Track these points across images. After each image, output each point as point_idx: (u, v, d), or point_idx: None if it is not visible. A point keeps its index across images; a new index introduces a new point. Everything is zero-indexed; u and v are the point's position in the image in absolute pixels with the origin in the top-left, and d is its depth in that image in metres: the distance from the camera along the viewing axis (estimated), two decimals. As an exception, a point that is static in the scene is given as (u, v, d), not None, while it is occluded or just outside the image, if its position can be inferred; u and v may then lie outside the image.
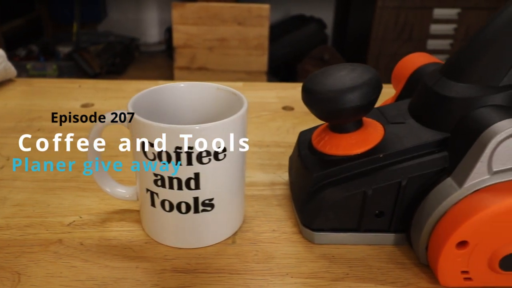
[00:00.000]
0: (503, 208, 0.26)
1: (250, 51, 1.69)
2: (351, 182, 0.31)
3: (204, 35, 1.67)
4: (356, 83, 0.30)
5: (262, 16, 1.64)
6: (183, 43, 1.69)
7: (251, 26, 1.66)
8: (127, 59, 2.06)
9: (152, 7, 2.35)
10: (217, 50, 1.69)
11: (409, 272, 0.30)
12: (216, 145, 0.28)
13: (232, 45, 1.68)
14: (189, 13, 1.64)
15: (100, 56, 1.89)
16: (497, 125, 0.27)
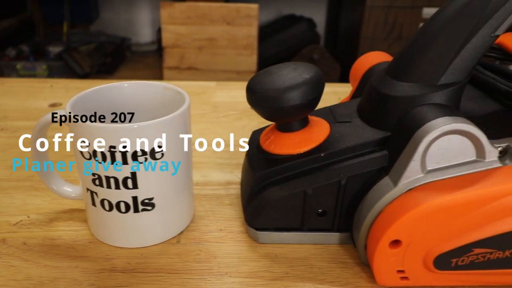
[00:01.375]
0: (434, 207, 0.26)
1: (239, 51, 1.68)
2: (292, 181, 0.31)
3: (193, 35, 1.67)
4: (295, 82, 0.30)
5: (251, 16, 1.64)
6: (172, 43, 1.69)
7: (240, 26, 1.65)
8: (118, 59, 2.06)
9: (144, 7, 2.35)
10: (206, 50, 1.69)
11: (349, 272, 0.30)
12: (151, 144, 0.28)
13: (221, 45, 1.68)
14: (177, 13, 1.64)
15: (91, 56, 1.89)
16: (430, 124, 0.27)
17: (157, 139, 0.28)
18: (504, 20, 0.28)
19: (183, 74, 1.72)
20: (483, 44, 0.28)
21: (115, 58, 2.02)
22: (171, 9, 1.64)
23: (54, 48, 1.92)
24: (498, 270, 0.28)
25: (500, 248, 0.27)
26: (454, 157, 0.27)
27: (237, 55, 1.69)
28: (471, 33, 0.28)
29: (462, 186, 0.26)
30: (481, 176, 0.27)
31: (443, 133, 0.27)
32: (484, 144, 0.27)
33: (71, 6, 2.10)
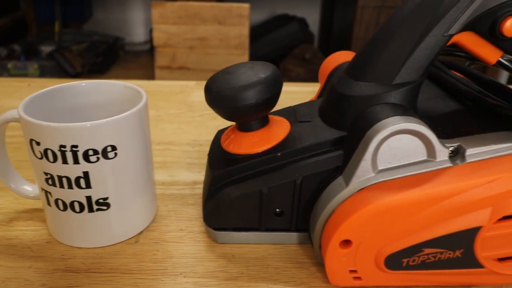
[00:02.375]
0: (382, 206, 0.26)
1: (231, 50, 1.68)
2: (249, 181, 0.31)
3: (184, 34, 1.67)
4: (250, 81, 0.30)
5: (242, 16, 1.64)
6: (163, 43, 1.69)
7: (231, 26, 1.65)
8: (111, 59, 2.05)
9: (137, 7, 2.34)
10: (197, 50, 1.69)
11: (304, 272, 0.30)
12: (103, 143, 0.28)
13: (212, 45, 1.68)
14: (169, 12, 1.64)
15: (83, 56, 1.89)
16: (381, 123, 0.27)
17: (110, 138, 0.28)
18: (456, 19, 0.28)
19: (175, 73, 1.71)
20: (436, 44, 0.28)
21: (108, 57, 2.01)
22: (162, 9, 1.64)
23: (46, 47, 1.91)
24: (449, 270, 0.28)
25: (450, 248, 0.27)
26: (405, 156, 0.27)
27: (228, 54, 1.68)
28: (424, 32, 0.28)
29: (411, 186, 0.26)
30: (431, 176, 0.26)
31: (393, 133, 0.26)
32: (434, 144, 0.27)
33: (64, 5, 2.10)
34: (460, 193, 0.25)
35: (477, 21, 0.29)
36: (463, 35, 0.30)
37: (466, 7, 0.28)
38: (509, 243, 0.26)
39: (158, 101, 0.60)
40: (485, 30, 0.29)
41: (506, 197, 0.25)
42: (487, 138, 0.27)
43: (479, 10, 0.28)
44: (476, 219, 0.26)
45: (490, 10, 0.28)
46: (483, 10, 0.28)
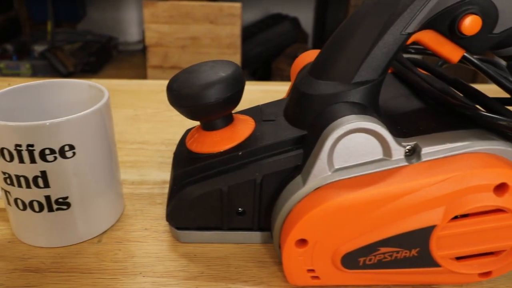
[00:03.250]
0: (336, 205, 0.26)
1: (223, 50, 1.68)
2: (209, 180, 0.31)
3: (176, 33, 1.67)
4: (210, 80, 0.30)
5: (234, 15, 1.63)
6: (155, 42, 1.68)
7: (223, 25, 1.65)
8: (104, 58, 2.05)
9: (131, 6, 2.34)
10: (189, 49, 1.69)
11: (265, 271, 0.30)
12: (60, 143, 0.28)
13: (204, 44, 1.67)
14: (160, 12, 1.64)
15: (75, 55, 1.89)
16: (336, 122, 0.27)
17: (67, 138, 0.28)
18: (413, 18, 0.28)
19: (167, 73, 1.71)
20: (395, 42, 0.28)
21: (101, 57, 2.01)
22: (154, 8, 1.64)
23: (39, 47, 1.91)
24: (407, 269, 0.27)
25: (406, 247, 0.27)
26: (361, 155, 0.27)
27: (220, 54, 1.68)
28: (382, 31, 0.28)
29: (365, 185, 0.26)
30: (386, 175, 0.26)
31: (348, 132, 0.26)
32: (389, 143, 0.26)
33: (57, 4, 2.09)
34: (413, 192, 0.25)
35: (436, 20, 0.29)
36: (424, 34, 0.30)
37: (423, 5, 0.27)
38: (464, 242, 0.26)
39: (137, 100, 0.60)
40: (445, 28, 0.29)
41: (458, 196, 0.25)
42: (443, 137, 0.27)
43: (437, 8, 0.28)
44: (429, 218, 0.25)
45: (448, 8, 0.28)
46: (441, 8, 0.28)
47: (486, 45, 0.30)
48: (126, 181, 0.40)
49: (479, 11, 0.28)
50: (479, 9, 0.28)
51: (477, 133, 0.27)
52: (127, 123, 0.52)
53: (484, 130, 0.28)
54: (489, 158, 0.26)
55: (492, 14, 0.28)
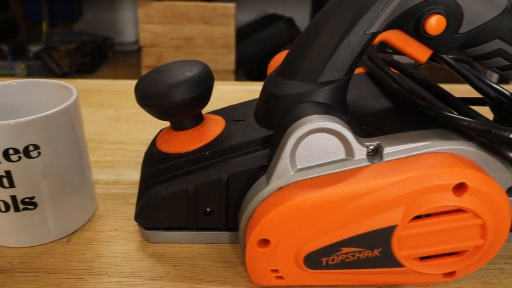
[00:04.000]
0: (296, 205, 0.26)
1: (217, 50, 1.68)
2: (176, 180, 0.31)
3: (171, 34, 1.67)
4: (175, 80, 0.30)
5: (228, 15, 1.63)
6: (150, 42, 1.69)
7: (217, 25, 1.65)
8: (100, 59, 2.05)
9: (127, 7, 2.34)
10: (183, 49, 1.69)
11: (231, 271, 0.30)
12: (24, 142, 0.28)
13: (198, 44, 1.67)
14: (154, 12, 1.64)
15: (70, 55, 1.89)
16: (299, 122, 0.27)
17: (31, 137, 0.28)
18: (376, 17, 0.28)
19: (161, 73, 1.71)
20: (359, 42, 0.28)
21: (96, 57, 2.01)
22: (148, 8, 1.64)
23: (34, 47, 1.91)
24: (371, 269, 0.27)
25: (368, 247, 0.26)
26: (324, 155, 0.27)
27: (214, 54, 1.68)
28: (346, 31, 0.28)
29: (326, 184, 0.26)
30: (348, 175, 0.26)
31: (310, 132, 0.26)
32: (351, 143, 0.26)
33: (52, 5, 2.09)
34: (373, 192, 0.25)
35: (402, 19, 0.29)
36: (391, 33, 0.30)
37: (386, 5, 0.27)
38: (426, 242, 0.26)
39: (121, 100, 0.60)
40: (411, 28, 0.29)
41: (417, 196, 0.25)
42: (406, 137, 0.27)
43: (401, 8, 0.28)
44: (390, 218, 0.25)
45: (413, 8, 0.28)
46: (406, 8, 0.28)
47: (453, 45, 0.30)
48: (101, 181, 0.40)
49: (444, 11, 0.28)
50: (444, 9, 0.28)
51: (440, 133, 0.27)
52: (108, 123, 0.52)
53: (448, 130, 0.28)
54: (449, 158, 0.26)
55: (456, 14, 0.28)
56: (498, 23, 0.29)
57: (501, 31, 0.29)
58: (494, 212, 0.25)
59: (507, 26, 0.29)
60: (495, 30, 0.29)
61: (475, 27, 0.29)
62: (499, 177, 0.27)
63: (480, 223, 0.25)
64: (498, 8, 0.28)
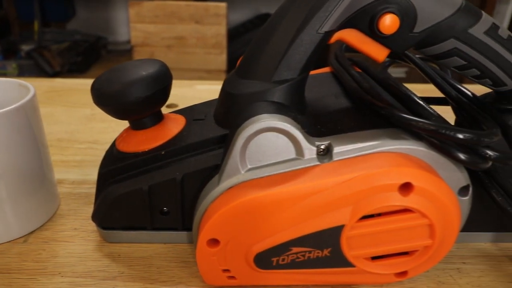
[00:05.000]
0: (243, 205, 0.25)
1: (209, 49, 1.68)
2: (131, 179, 0.30)
3: (162, 33, 1.66)
4: (130, 78, 0.30)
5: (219, 15, 1.63)
6: (141, 42, 1.68)
7: (208, 25, 1.65)
8: (92, 58, 2.05)
9: (120, 6, 2.34)
10: (175, 49, 1.69)
11: (186, 271, 0.30)
12: (-26, 141, 0.28)
13: (190, 44, 1.67)
14: (145, 11, 1.64)
15: (62, 55, 1.89)
16: (248, 121, 0.27)
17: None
18: (328, 16, 0.28)
19: (153, 73, 1.71)
20: (312, 41, 0.28)
21: (89, 57, 2.01)
22: (139, 8, 1.63)
23: (26, 46, 1.90)
24: (322, 269, 0.27)
25: (317, 247, 0.26)
26: (275, 155, 0.27)
27: (206, 53, 1.68)
28: (299, 29, 0.28)
29: (275, 184, 0.26)
30: (296, 174, 0.26)
31: (259, 131, 0.26)
32: (301, 142, 0.26)
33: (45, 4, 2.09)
34: (321, 192, 0.25)
35: (356, 18, 0.29)
36: (347, 32, 0.30)
37: (337, 4, 0.27)
38: (375, 242, 0.26)
39: (97, 99, 0.59)
40: (365, 27, 0.29)
41: (364, 195, 0.25)
42: (356, 136, 0.27)
43: (353, 7, 0.28)
44: (337, 218, 0.25)
45: (366, 7, 0.28)
46: (359, 7, 0.28)
47: (408, 44, 0.30)
48: (67, 181, 0.40)
49: (397, 10, 0.28)
50: (397, 8, 0.28)
51: (392, 133, 0.27)
52: (81, 122, 0.52)
53: (401, 130, 0.27)
54: (397, 158, 0.26)
55: (410, 13, 0.28)
56: (452, 22, 0.28)
57: (455, 30, 0.29)
58: (441, 212, 0.25)
59: (461, 25, 0.28)
60: (450, 29, 0.29)
61: (429, 26, 0.29)
62: (451, 177, 0.27)
63: (428, 223, 0.25)
64: (452, 7, 0.28)
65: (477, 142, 0.25)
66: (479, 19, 0.29)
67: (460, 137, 0.25)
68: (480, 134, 0.25)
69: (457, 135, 0.25)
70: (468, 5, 0.29)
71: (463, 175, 0.27)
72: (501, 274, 0.30)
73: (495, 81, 0.31)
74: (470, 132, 0.25)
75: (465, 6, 0.29)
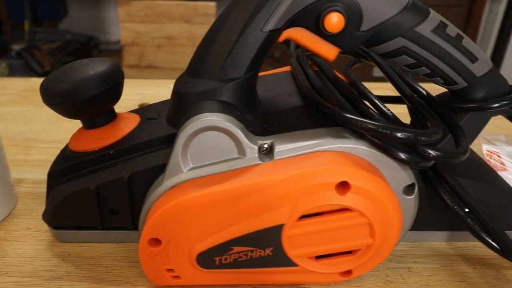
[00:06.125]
0: (182, 204, 0.25)
1: (198, 49, 1.67)
2: (79, 179, 0.30)
3: (152, 33, 1.66)
4: (78, 77, 0.30)
5: (209, 14, 1.63)
6: (131, 41, 1.68)
7: (198, 24, 1.65)
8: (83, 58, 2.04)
9: (113, 6, 2.34)
10: (165, 48, 1.68)
11: (134, 271, 0.30)
12: None
13: (180, 43, 1.67)
14: (135, 11, 1.63)
15: (53, 54, 1.89)
16: (190, 120, 0.27)
17: None
18: (272, 15, 0.27)
19: (143, 72, 1.71)
20: (256, 39, 0.28)
21: (79, 56, 2.00)
22: (128, 7, 1.63)
23: (18, 46, 1.90)
24: (265, 268, 0.27)
25: (259, 246, 0.26)
26: (217, 154, 0.27)
27: (196, 53, 1.67)
28: (244, 28, 0.28)
29: (214, 183, 0.26)
30: (237, 173, 0.26)
31: (199, 130, 0.26)
32: (242, 141, 0.26)
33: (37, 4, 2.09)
34: (259, 190, 0.25)
35: (302, 17, 0.28)
36: (294, 31, 0.30)
37: (280, 2, 0.27)
38: (316, 241, 0.26)
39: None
40: (312, 26, 0.29)
41: (301, 195, 0.25)
42: (299, 135, 0.27)
43: (298, 5, 0.28)
44: (277, 217, 0.25)
45: (311, 6, 0.28)
46: (303, 5, 0.28)
47: (356, 43, 0.29)
48: (27, 180, 0.40)
49: (342, 8, 0.28)
50: (342, 7, 0.28)
51: (335, 131, 0.27)
52: (50, 121, 0.52)
53: (345, 129, 0.27)
54: (336, 156, 0.25)
55: (355, 11, 0.28)
56: (399, 21, 0.28)
57: (402, 28, 0.28)
58: (380, 211, 0.25)
59: (408, 23, 0.28)
60: (397, 28, 0.29)
61: (376, 24, 0.28)
62: (395, 176, 0.27)
63: (367, 222, 0.25)
64: (399, 6, 0.28)
65: (415, 141, 0.25)
66: (426, 17, 0.29)
67: (398, 136, 0.25)
68: (418, 133, 0.25)
69: (395, 134, 0.25)
70: (415, 3, 0.29)
71: (407, 174, 0.27)
72: (451, 273, 0.30)
73: (446, 79, 0.31)
74: (409, 131, 0.25)
75: (411, 4, 0.29)
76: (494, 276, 0.30)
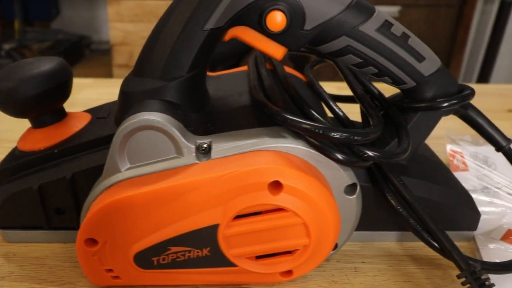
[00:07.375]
0: (115, 204, 0.25)
1: (188, 48, 1.67)
2: (23, 178, 0.30)
3: (141, 32, 1.66)
4: (20, 76, 0.29)
5: (198, 14, 1.62)
6: (121, 41, 1.68)
7: (187, 24, 1.64)
8: (74, 57, 2.04)
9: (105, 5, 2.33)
10: (154, 48, 1.68)
11: (77, 271, 0.30)
12: None
13: (169, 43, 1.66)
14: (125, 10, 1.63)
15: (44, 54, 1.88)
16: (126, 120, 0.26)
17: None
18: (211, 13, 0.27)
19: (133, 72, 1.70)
20: (197, 38, 0.28)
21: (71, 56, 2.00)
22: (118, 7, 1.63)
23: (8, 45, 1.90)
24: (204, 269, 0.27)
25: (196, 246, 0.26)
26: (155, 153, 0.27)
27: (186, 53, 1.67)
28: (184, 27, 0.28)
29: (150, 182, 0.25)
30: (173, 173, 0.26)
31: (134, 129, 0.26)
32: (178, 141, 0.26)
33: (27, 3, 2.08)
34: (193, 190, 0.25)
35: (244, 16, 0.28)
36: (239, 30, 0.29)
37: (219, 1, 0.27)
38: (253, 241, 0.26)
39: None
40: (256, 24, 0.29)
41: (234, 194, 0.24)
42: (238, 134, 0.27)
43: (239, 4, 0.27)
44: (212, 217, 0.25)
45: (253, 4, 0.28)
46: (244, 4, 0.28)
47: (301, 42, 0.29)
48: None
49: (284, 7, 0.28)
50: (284, 5, 0.28)
51: (274, 131, 0.27)
52: (17, 121, 0.51)
53: (284, 129, 0.27)
54: (271, 156, 0.25)
55: (298, 10, 0.28)
56: (342, 20, 0.28)
57: (346, 27, 0.28)
58: (314, 211, 0.25)
59: (351, 22, 0.28)
60: (340, 27, 0.28)
61: (319, 23, 0.28)
62: (334, 176, 0.27)
63: (301, 221, 0.25)
64: (342, 5, 0.28)
65: (349, 141, 0.25)
66: (370, 17, 0.29)
67: (332, 136, 0.25)
68: (353, 133, 0.25)
69: (329, 134, 0.24)
70: (359, 2, 0.29)
71: (347, 173, 0.27)
72: (398, 273, 0.30)
73: (393, 79, 0.30)
74: (343, 131, 0.25)
75: (355, 4, 0.28)
76: (441, 276, 0.30)
